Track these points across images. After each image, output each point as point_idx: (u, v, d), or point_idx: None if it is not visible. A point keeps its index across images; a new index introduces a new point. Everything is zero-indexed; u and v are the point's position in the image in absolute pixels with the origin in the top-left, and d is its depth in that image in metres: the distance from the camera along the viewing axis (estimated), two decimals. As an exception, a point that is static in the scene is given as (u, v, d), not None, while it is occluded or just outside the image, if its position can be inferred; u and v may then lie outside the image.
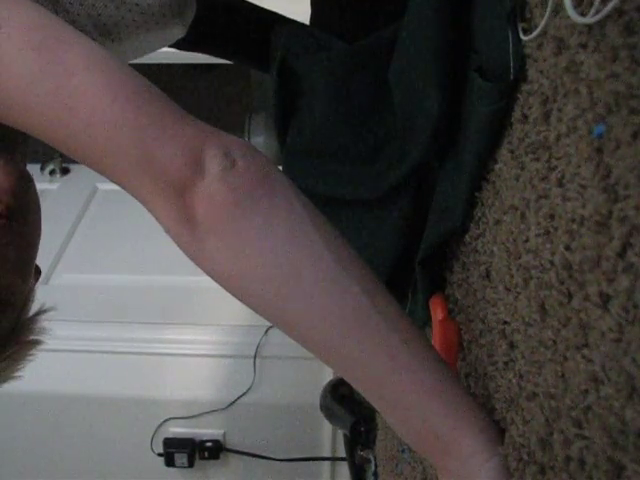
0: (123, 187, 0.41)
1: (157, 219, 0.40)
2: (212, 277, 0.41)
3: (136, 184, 0.40)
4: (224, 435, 1.73)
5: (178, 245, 0.40)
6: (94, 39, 0.61)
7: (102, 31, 0.62)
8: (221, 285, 0.41)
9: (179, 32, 0.75)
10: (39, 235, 0.55)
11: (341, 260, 0.40)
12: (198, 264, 0.40)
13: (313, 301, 0.39)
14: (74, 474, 1.74)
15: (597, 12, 0.28)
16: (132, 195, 0.41)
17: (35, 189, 0.54)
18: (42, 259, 0.56)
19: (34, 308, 0.55)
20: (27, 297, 0.54)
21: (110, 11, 0.61)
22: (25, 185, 0.52)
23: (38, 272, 0.59)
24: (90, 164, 0.41)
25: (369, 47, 0.65)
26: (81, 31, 0.43)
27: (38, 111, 0.39)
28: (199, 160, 0.38)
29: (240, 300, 0.41)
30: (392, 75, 0.60)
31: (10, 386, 0.54)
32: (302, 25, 0.75)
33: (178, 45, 0.83)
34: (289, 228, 0.39)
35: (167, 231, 0.40)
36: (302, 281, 0.39)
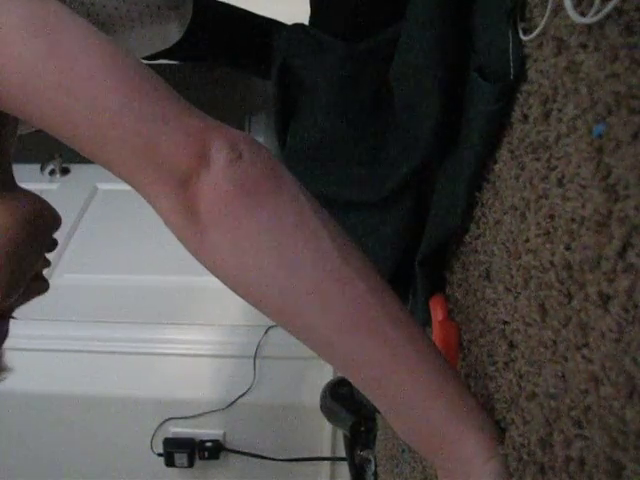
0: (123, 177, 0.40)
1: (157, 210, 0.39)
2: (212, 271, 0.40)
3: (137, 173, 0.39)
4: (224, 435, 1.73)
5: (178, 237, 0.39)
6: None
7: (96, 22, 0.61)
8: (222, 280, 0.40)
9: (177, 30, 0.75)
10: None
11: (346, 257, 0.39)
12: (198, 258, 0.40)
13: (317, 297, 0.39)
14: (74, 474, 1.74)
15: (597, 12, 0.28)
16: (132, 185, 0.40)
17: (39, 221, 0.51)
18: (42, 259, 0.55)
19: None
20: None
21: (103, 1, 0.61)
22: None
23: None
24: (90, 153, 0.40)
25: (370, 49, 0.65)
26: None
27: (39, 98, 0.38)
28: (205, 151, 0.37)
29: (241, 296, 0.41)
30: (393, 76, 0.60)
31: (10, 386, 0.54)
32: (303, 26, 0.75)
33: (179, 57, 0.83)
34: (294, 224, 0.39)
35: (167, 223, 0.39)
36: (306, 277, 0.38)
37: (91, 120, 0.38)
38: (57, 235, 0.55)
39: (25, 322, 0.53)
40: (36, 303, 0.56)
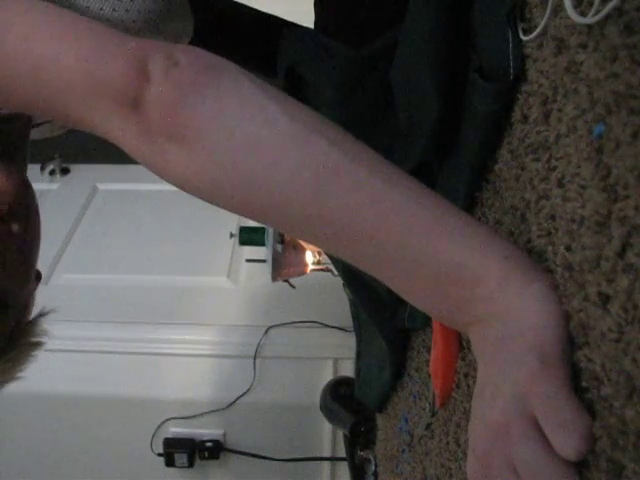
0: (82, 123, 0.41)
1: (119, 143, 0.40)
2: (180, 186, 0.40)
3: (92, 113, 0.40)
4: (224, 435, 1.73)
5: (142, 162, 0.40)
6: None
7: None
8: (193, 191, 0.40)
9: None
10: (39, 240, 0.54)
11: (298, 119, 0.38)
12: (164, 177, 0.40)
13: (279, 167, 0.37)
14: (74, 474, 1.74)
15: (597, 12, 0.28)
16: (93, 129, 0.41)
17: (34, 195, 0.54)
18: (42, 259, 0.56)
19: (35, 311, 0.55)
20: (27, 301, 0.54)
21: (107, 15, 0.62)
22: (25, 190, 0.52)
23: (39, 277, 0.58)
24: (47, 110, 0.41)
25: (374, 53, 0.65)
26: None
27: None
28: (142, 67, 0.38)
29: (212, 202, 0.40)
30: (393, 76, 0.60)
31: (11, 386, 0.55)
32: (309, 31, 0.75)
33: None
34: (238, 103, 0.38)
35: (130, 151, 0.40)
36: (262, 151, 0.37)
37: (38, 79, 0.39)
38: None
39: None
40: (35, 303, 0.56)
